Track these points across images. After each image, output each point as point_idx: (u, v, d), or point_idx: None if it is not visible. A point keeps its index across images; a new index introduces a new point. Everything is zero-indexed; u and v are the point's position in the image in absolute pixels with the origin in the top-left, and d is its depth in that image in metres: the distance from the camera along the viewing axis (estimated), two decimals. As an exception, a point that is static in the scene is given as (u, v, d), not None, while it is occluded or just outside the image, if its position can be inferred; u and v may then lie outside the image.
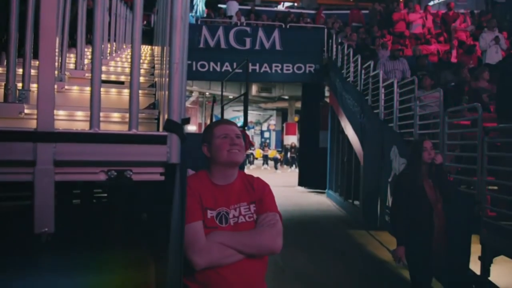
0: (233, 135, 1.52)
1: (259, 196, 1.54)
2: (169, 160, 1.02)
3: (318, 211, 8.26)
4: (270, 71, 10.62)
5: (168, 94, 1.11)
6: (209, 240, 1.37)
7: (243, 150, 1.54)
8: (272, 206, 1.55)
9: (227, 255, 1.38)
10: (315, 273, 4.51)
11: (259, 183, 1.59)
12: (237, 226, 1.45)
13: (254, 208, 1.51)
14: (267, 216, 1.50)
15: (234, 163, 1.51)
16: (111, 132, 1.03)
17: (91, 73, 1.04)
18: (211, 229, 1.41)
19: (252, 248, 1.42)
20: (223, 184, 1.51)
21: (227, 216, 1.45)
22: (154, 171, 1.03)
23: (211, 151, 1.52)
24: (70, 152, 0.94)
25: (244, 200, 1.51)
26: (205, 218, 1.42)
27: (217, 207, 1.46)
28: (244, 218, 1.48)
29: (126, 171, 0.99)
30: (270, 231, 1.46)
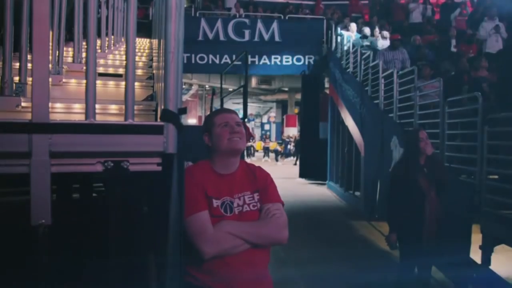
0: (233, 123, 1.52)
1: (262, 185, 1.54)
2: (166, 150, 1.02)
3: (319, 203, 8.28)
4: (269, 63, 10.57)
5: (164, 83, 1.10)
6: (217, 230, 1.37)
7: (244, 138, 1.54)
8: (276, 196, 1.56)
9: (236, 245, 1.39)
10: (316, 264, 4.53)
11: (261, 172, 1.59)
12: (242, 215, 1.45)
13: (258, 197, 1.51)
14: (273, 206, 1.50)
15: (235, 151, 1.51)
16: (107, 122, 1.02)
17: (86, 62, 1.03)
18: (217, 218, 1.41)
19: (261, 238, 1.43)
20: (225, 173, 1.51)
21: (232, 205, 1.46)
22: (151, 161, 1.02)
23: (212, 140, 1.51)
24: (66, 143, 0.94)
25: (248, 189, 1.51)
26: (211, 207, 1.42)
27: (221, 197, 1.46)
28: (249, 207, 1.48)
29: (122, 162, 0.99)
30: (277, 221, 1.47)
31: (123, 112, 1.82)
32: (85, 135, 0.96)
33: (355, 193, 7.82)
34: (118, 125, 1.01)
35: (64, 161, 0.95)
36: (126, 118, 1.04)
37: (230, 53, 10.05)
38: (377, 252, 4.73)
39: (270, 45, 10.47)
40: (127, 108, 1.05)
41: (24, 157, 0.89)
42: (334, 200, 8.68)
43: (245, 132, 1.75)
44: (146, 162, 1.02)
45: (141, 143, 1.00)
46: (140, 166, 1.01)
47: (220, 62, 10.23)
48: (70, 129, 0.95)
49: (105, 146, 0.97)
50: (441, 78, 4.69)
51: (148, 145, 1.01)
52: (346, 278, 4.08)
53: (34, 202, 0.89)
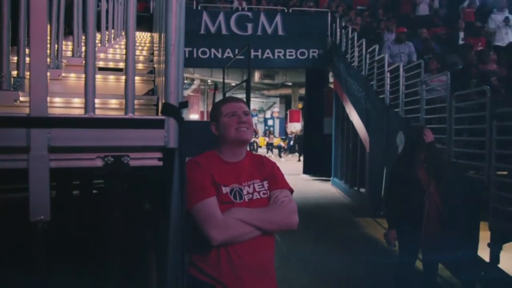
0: (240, 113, 1.52)
1: (270, 173, 1.56)
2: (167, 144, 1.01)
3: (323, 199, 8.28)
4: (272, 57, 10.52)
5: (165, 77, 1.09)
6: (227, 216, 1.38)
7: (252, 128, 1.54)
8: (285, 183, 1.57)
9: (246, 231, 1.39)
10: (320, 262, 4.53)
11: (268, 161, 1.62)
12: (252, 202, 1.46)
13: (267, 185, 1.52)
14: (282, 193, 1.51)
15: (243, 141, 1.51)
16: (107, 116, 1.01)
17: (85, 56, 1.02)
18: (227, 204, 1.42)
19: (272, 224, 1.44)
20: (233, 161, 1.52)
21: (241, 193, 1.47)
22: (152, 156, 1.02)
23: (219, 129, 1.52)
24: (65, 137, 0.93)
25: (257, 177, 1.52)
26: (220, 194, 1.43)
27: (230, 184, 1.46)
28: (259, 194, 1.49)
29: (123, 157, 0.98)
30: (287, 207, 1.49)
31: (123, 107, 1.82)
32: (85, 130, 0.96)
33: (360, 189, 7.80)
34: (118, 119, 1.01)
35: (63, 156, 0.94)
36: (127, 112, 1.03)
37: (233, 47, 10.01)
38: (382, 249, 4.73)
39: (274, 38, 10.41)
40: (128, 102, 1.04)
41: (23, 152, 0.89)
42: (338, 196, 8.67)
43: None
44: (146, 157, 1.02)
45: (141, 137, 1.00)
46: (140, 161, 1.01)
47: (223, 56, 10.19)
48: (69, 123, 0.94)
49: (105, 141, 0.97)
50: (449, 71, 4.65)
51: (148, 140, 1.00)
52: (350, 275, 4.08)
53: (33, 197, 0.88)
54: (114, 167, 0.98)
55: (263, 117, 32.30)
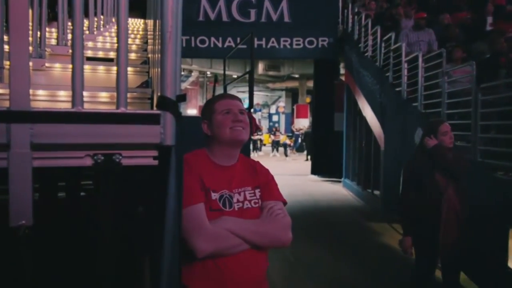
0: (236, 111, 1.51)
1: (263, 181, 1.55)
2: (163, 142, 1.00)
3: (333, 202, 8.27)
4: (278, 47, 10.50)
5: (161, 68, 1.07)
6: (216, 226, 1.37)
7: (248, 127, 1.53)
8: (279, 194, 1.57)
9: (235, 244, 1.38)
10: (328, 270, 4.52)
11: (261, 167, 1.61)
12: (242, 212, 1.45)
13: (259, 193, 1.52)
14: (276, 205, 1.51)
15: (238, 141, 1.50)
16: (97, 110, 1.00)
17: (72, 45, 1.00)
18: (216, 212, 1.41)
19: (264, 238, 1.43)
20: (224, 164, 1.51)
21: (231, 200, 1.46)
22: (146, 154, 1.00)
23: (211, 128, 1.51)
24: (49, 133, 0.92)
25: (248, 184, 1.52)
26: (209, 200, 1.42)
27: (220, 189, 1.46)
28: (250, 203, 1.49)
29: (114, 155, 0.97)
30: (282, 221, 1.47)
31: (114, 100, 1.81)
32: (72, 125, 0.95)
33: (373, 191, 7.79)
34: (109, 114, 0.99)
35: (47, 154, 0.93)
36: (118, 106, 1.02)
37: (234, 35, 9.99)
38: (398, 257, 4.71)
39: (279, 26, 10.37)
40: (119, 95, 1.03)
41: (2, 150, 0.88)
42: (350, 199, 8.66)
43: (251, 124, 1.74)
44: (140, 155, 1.00)
45: (135, 134, 0.98)
46: (134, 160, 1.00)
47: (223, 45, 10.18)
48: (54, 118, 0.93)
49: (95, 138, 0.96)
50: (474, 61, 4.60)
51: (143, 136, 0.99)
52: (361, 286, 4.07)
53: (14, 200, 0.87)
54: (104, 166, 0.97)
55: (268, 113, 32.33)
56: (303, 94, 24.31)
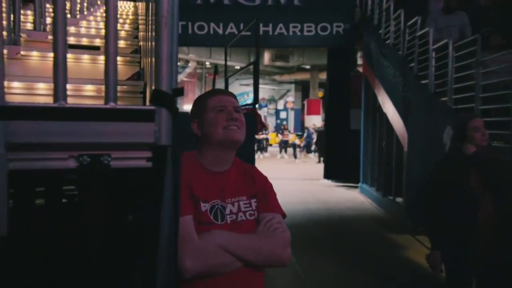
0: (230, 108, 1.51)
1: (261, 189, 1.56)
2: (158, 141, 0.99)
3: (349, 210, 8.26)
4: (286, 33, 10.50)
5: (155, 58, 1.07)
6: (206, 241, 1.36)
7: (244, 127, 1.54)
8: (277, 205, 1.58)
9: (227, 262, 1.38)
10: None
11: (259, 174, 1.62)
12: (236, 225, 1.45)
13: (255, 204, 1.52)
14: (274, 218, 1.51)
15: (232, 143, 1.50)
16: (83, 106, 0.99)
17: (53, 29, 1.00)
18: (206, 225, 1.41)
19: (261, 256, 1.43)
20: (217, 170, 1.51)
21: (223, 212, 1.46)
22: (139, 155, 1.00)
23: (202, 128, 1.51)
24: (28, 132, 0.92)
25: (243, 193, 1.52)
26: (199, 212, 1.42)
27: (211, 199, 1.46)
28: (244, 215, 1.49)
29: (102, 156, 0.96)
30: (281, 236, 1.47)
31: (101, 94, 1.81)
32: (54, 122, 0.94)
33: (395, 199, 7.77)
34: (97, 109, 0.99)
35: (25, 155, 0.93)
36: (107, 101, 1.01)
37: (237, 20, 10.00)
38: (425, 275, 4.69)
39: (288, 10, 10.36)
40: (108, 89, 1.02)
41: (-25, 151, 0.87)
42: (368, 207, 8.64)
43: (256, 122, 1.74)
44: (132, 156, 1.00)
45: (126, 132, 0.98)
46: (124, 162, 0.99)
47: (224, 32, 10.19)
48: (34, 115, 0.93)
49: (80, 136, 0.95)
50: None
51: (135, 135, 0.98)
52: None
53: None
54: (91, 169, 0.97)
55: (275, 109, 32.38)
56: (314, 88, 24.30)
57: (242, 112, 1.56)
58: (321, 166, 13.47)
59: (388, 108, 7.92)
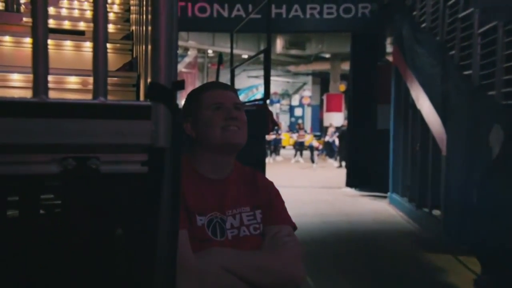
0: (229, 105, 1.52)
1: (266, 198, 1.57)
2: (155, 142, 1.00)
3: (376, 224, 8.24)
4: (303, 16, 10.50)
5: (152, 45, 1.08)
6: (203, 260, 1.37)
7: (245, 127, 1.54)
8: (286, 215, 1.59)
9: (229, 284, 1.38)
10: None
11: (264, 180, 1.63)
12: (238, 241, 1.47)
13: (260, 216, 1.54)
14: (283, 231, 1.52)
15: (232, 146, 1.51)
16: (67, 101, 1.00)
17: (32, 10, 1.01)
18: (203, 243, 1.42)
19: (268, 275, 1.43)
20: (215, 178, 1.52)
21: (223, 226, 1.47)
22: (133, 159, 1.00)
23: (197, 128, 1.52)
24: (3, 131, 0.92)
25: (246, 203, 1.54)
26: (194, 227, 1.43)
27: (208, 212, 1.47)
28: (248, 230, 1.50)
29: (90, 160, 0.97)
30: (292, 252, 1.48)
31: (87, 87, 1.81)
32: (34, 120, 0.95)
33: (432, 211, 7.72)
34: (85, 105, 1.00)
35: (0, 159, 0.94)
36: (96, 95, 1.02)
37: (245, 1, 10.02)
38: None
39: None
40: (97, 81, 1.03)
41: None
42: (399, 221, 8.60)
43: (267, 120, 1.77)
44: (125, 160, 1.00)
45: (117, 132, 0.99)
46: (116, 166, 1.00)
47: (230, 15, 10.22)
48: (10, 110, 0.94)
49: (64, 137, 0.96)
50: None
51: (128, 135, 0.99)
52: None
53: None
54: (76, 174, 0.97)
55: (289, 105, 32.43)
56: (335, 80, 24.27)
57: (243, 110, 1.56)
58: (342, 172, 13.44)
59: (423, 104, 7.88)
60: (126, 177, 1.02)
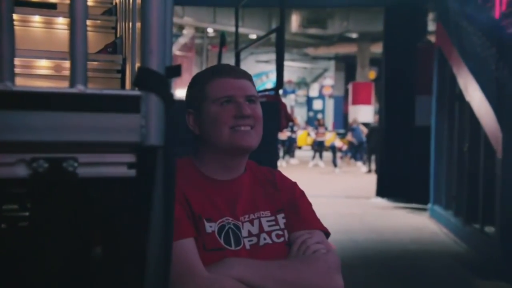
0: (241, 98, 1.54)
1: (289, 200, 1.61)
2: (145, 140, 1.01)
3: (414, 244, 8.23)
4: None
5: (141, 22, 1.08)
6: (216, 273, 1.39)
7: (260, 125, 1.57)
8: (314, 218, 1.63)
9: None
10: None
11: (284, 179, 1.68)
12: (258, 251, 1.50)
13: (283, 221, 1.58)
14: (313, 236, 1.55)
15: (242, 149, 1.54)
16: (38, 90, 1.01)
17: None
18: (215, 252, 1.45)
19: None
20: (224, 178, 1.56)
21: (238, 233, 1.50)
22: (118, 160, 1.01)
23: (201, 124, 1.55)
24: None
25: (265, 207, 1.58)
26: (202, 234, 1.46)
27: (218, 217, 1.50)
28: (269, 237, 1.53)
29: (66, 161, 0.98)
30: (325, 261, 1.50)
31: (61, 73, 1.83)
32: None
33: (484, 228, 7.68)
34: (58, 95, 1.00)
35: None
36: (73, 83, 1.03)
37: (253, -32, 10.04)
38: None
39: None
40: (74, 66, 1.04)
41: None
42: (443, 240, 8.58)
43: (281, 114, 1.80)
44: (108, 161, 1.01)
45: (100, 127, 0.99)
46: (97, 169, 1.01)
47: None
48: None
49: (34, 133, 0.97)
50: None
51: (112, 132, 1.00)
52: None
53: None
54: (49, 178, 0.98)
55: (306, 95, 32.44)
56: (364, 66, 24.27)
57: (258, 102, 1.58)
58: (372, 178, 13.44)
59: (474, 94, 7.86)
60: (110, 182, 1.03)
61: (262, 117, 1.59)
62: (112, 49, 2.35)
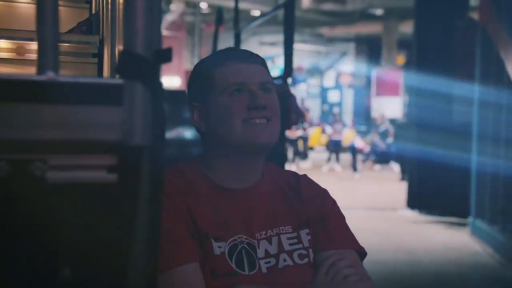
0: (254, 86, 1.56)
1: (317, 212, 1.63)
2: (128, 139, 1.01)
3: (453, 266, 8.27)
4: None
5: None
6: None
7: (277, 117, 1.58)
8: (349, 235, 1.66)
9: None
10: None
11: (310, 186, 1.70)
12: (276, 275, 1.51)
13: (308, 238, 1.59)
14: (344, 258, 1.55)
15: (257, 147, 1.55)
16: None
17: None
18: (225, 279, 1.46)
19: None
20: (236, 187, 1.57)
21: (252, 253, 1.51)
22: (96, 162, 1.02)
23: (208, 119, 1.58)
24: None
25: (286, 221, 1.59)
26: (210, 257, 1.47)
27: (229, 236, 1.51)
28: (291, 258, 1.55)
29: (33, 164, 0.99)
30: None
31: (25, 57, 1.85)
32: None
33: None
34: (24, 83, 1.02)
35: None
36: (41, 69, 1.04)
37: None
38: None
39: None
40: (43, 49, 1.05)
41: None
42: (487, 261, 8.60)
43: (289, 107, 1.82)
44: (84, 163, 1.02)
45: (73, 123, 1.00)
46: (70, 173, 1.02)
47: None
48: None
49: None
50: None
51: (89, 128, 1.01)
52: None
53: None
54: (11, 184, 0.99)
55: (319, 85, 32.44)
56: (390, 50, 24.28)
57: (274, 90, 1.60)
58: (401, 186, 13.44)
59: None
60: (85, 188, 1.03)
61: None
62: (86, 28, 2.35)
